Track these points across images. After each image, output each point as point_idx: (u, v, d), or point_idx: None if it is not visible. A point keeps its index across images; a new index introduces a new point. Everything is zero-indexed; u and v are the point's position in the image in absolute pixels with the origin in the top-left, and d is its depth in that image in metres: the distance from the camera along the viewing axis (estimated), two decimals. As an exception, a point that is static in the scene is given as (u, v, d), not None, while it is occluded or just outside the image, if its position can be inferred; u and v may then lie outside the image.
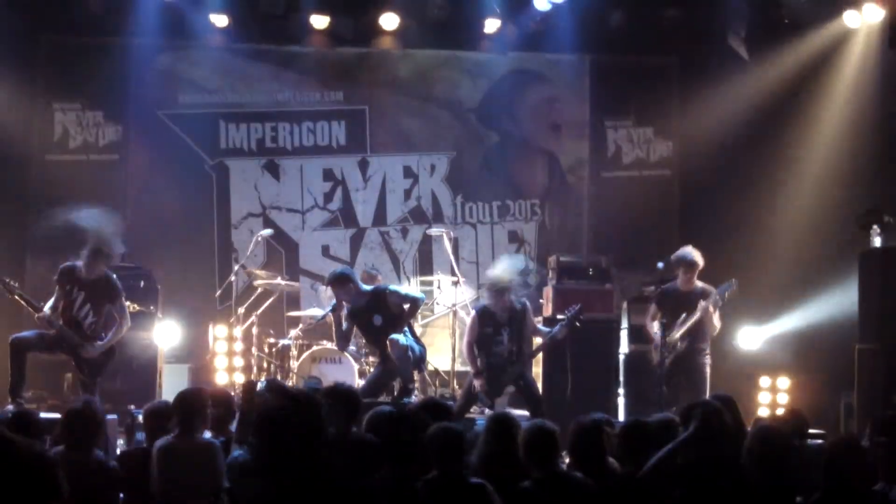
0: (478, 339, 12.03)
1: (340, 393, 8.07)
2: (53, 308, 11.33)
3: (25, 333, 11.40)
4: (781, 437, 6.85)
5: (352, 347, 13.13)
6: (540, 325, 12.44)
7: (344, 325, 12.29)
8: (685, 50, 15.90)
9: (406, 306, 12.19)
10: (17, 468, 2.20)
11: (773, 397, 13.68)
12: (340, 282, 12.09)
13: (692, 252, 12.33)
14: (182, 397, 7.68)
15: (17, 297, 11.37)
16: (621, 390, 13.46)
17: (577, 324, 12.08)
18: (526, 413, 11.43)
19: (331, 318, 12.33)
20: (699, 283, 12.38)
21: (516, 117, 16.64)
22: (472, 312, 12.39)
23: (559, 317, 12.50)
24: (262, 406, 5.51)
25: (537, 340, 12.34)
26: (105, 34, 15.22)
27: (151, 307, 13.11)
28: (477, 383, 11.93)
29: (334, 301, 12.16)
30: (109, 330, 11.52)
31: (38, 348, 11.34)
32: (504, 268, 12.31)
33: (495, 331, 12.00)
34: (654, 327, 12.47)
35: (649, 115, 16.56)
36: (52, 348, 11.38)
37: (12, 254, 14.37)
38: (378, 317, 12.14)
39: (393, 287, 12.61)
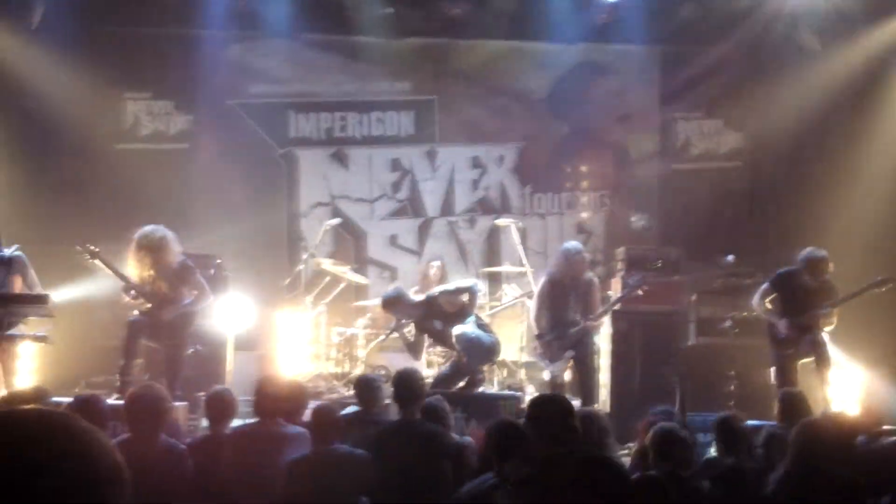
0: (546, 304, 12.14)
1: (406, 379, 8.12)
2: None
3: (137, 316, 11.54)
4: (829, 434, 6.78)
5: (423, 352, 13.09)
6: None
7: (410, 338, 12.39)
8: (756, 42, 15.73)
9: (464, 298, 12.22)
10: (74, 451, 2.18)
11: (843, 392, 13.52)
12: (392, 304, 12.22)
13: (817, 252, 12.18)
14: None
15: (98, 261, 11.50)
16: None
17: (641, 292, 12.09)
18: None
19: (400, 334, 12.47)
20: (824, 279, 12.20)
21: (585, 108, 16.58)
22: (543, 277, 12.51)
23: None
24: None
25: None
26: (177, 25, 15.34)
27: (221, 295, 13.19)
28: (539, 345, 12.06)
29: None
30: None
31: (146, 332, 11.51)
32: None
33: (562, 296, 12.12)
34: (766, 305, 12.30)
35: (719, 106, 16.41)
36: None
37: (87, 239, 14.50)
38: (437, 321, 12.19)
39: (440, 289, 12.65)
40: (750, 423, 8.48)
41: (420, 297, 12.57)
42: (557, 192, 16.35)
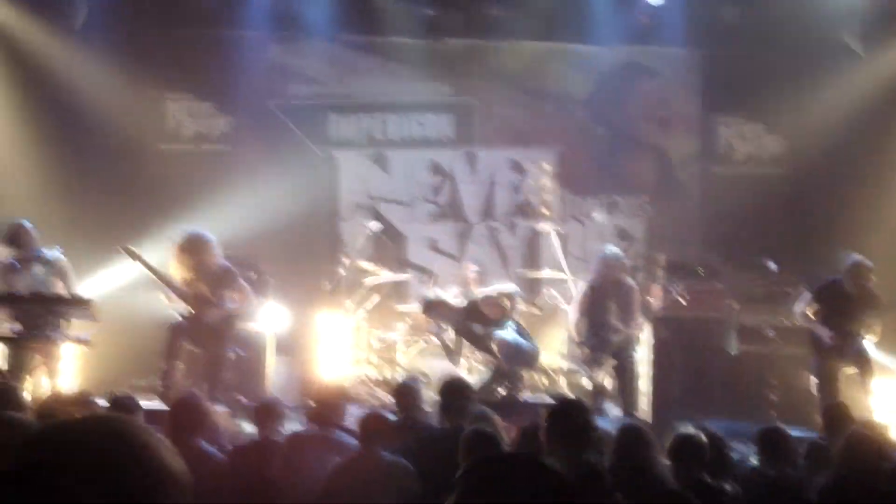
0: (586, 310, 12.12)
1: (453, 387, 8.10)
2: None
3: (179, 320, 11.61)
4: (873, 446, 6.76)
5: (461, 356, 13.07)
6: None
7: (450, 343, 12.39)
8: (798, 45, 15.60)
9: (504, 303, 12.22)
10: (144, 457, 2.19)
11: (886, 401, 13.41)
12: (432, 308, 12.25)
13: (860, 259, 12.12)
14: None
15: (140, 263, 11.58)
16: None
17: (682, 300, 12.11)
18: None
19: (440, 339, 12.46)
20: (866, 287, 12.13)
21: (626, 112, 16.53)
22: (582, 283, 12.49)
23: None
24: None
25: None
26: (217, 26, 15.39)
27: (262, 298, 13.22)
28: (580, 352, 12.03)
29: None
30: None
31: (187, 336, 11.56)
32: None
33: (602, 303, 12.09)
34: (808, 314, 12.26)
35: (761, 111, 16.28)
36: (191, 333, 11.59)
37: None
38: (477, 325, 12.19)
39: (481, 292, 12.65)
40: (792, 432, 8.41)
41: (460, 301, 12.58)
42: (598, 196, 16.27)
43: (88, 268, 12.63)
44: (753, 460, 8.27)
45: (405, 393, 8.89)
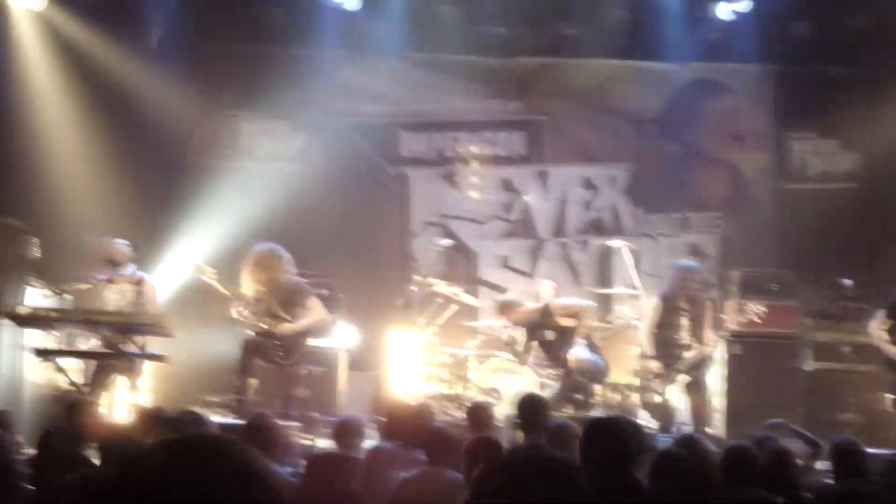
0: (657, 324, 12.08)
1: (531, 404, 8.09)
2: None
3: (251, 336, 11.71)
4: None
5: (531, 360, 13.12)
6: None
7: (521, 343, 12.38)
8: (872, 60, 15.49)
9: (579, 317, 12.21)
10: (248, 477, 2.22)
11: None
12: (508, 307, 12.28)
13: None
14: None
15: (213, 280, 11.70)
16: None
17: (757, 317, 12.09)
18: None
19: (509, 336, 12.45)
20: None
21: (697, 128, 16.47)
22: (655, 297, 12.45)
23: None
24: None
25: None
26: (290, 45, 15.50)
27: (334, 315, 13.29)
28: (652, 367, 11.96)
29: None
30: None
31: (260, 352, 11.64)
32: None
33: (674, 317, 12.04)
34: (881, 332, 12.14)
35: (835, 126, 16.13)
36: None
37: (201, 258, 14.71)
38: (549, 332, 12.18)
39: (558, 300, 12.64)
40: (869, 450, 8.32)
41: (537, 304, 12.61)
42: (670, 213, 16.21)
43: (160, 283, 12.76)
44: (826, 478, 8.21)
45: (478, 412, 8.90)
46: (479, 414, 8.85)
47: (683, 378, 12.25)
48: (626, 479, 5.84)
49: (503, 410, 12.17)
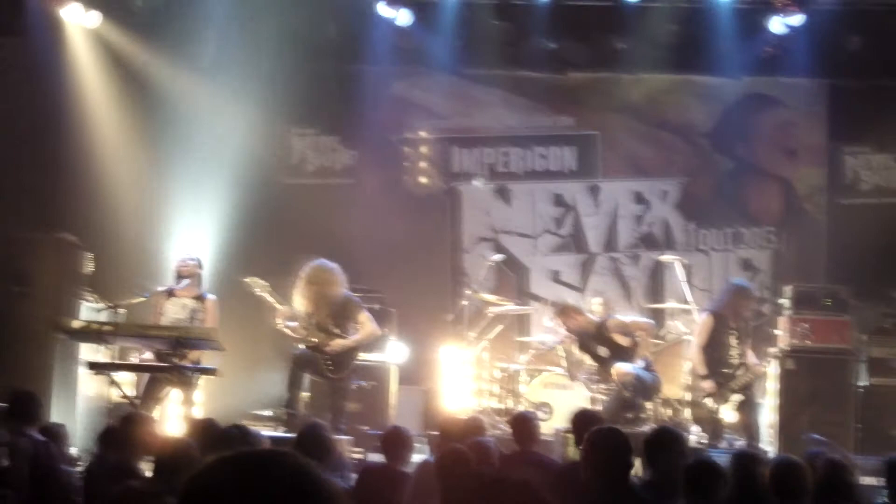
0: (707, 340, 12.04)
1: (587, 420, 8.04)
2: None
3: (302, 350, 11.78)
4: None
5: (583, 375, 13.10)
6: None
7: (574, 355, 12.36)
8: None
9: (637, 335, 12.18)
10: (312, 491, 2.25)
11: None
12: (566, 311, 12.24)
13: None
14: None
15: (265, 294, 11.77)
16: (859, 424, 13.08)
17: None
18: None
19: (563, 347, 12.43)
20: None
21: (750, 142, 16.41)
22: (705, 313, 12.41)
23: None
24: None
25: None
26: (342, 61, 15.58)
27: (385, 330, 13.33)
28: (706, 386, 11.89)
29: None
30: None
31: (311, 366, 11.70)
32: None
33: (724, 334, 11.99)
34: None
35: (888, 141, 16.02)
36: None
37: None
38: (603, 348, 12.16)
39: (616, 317, 12.61)
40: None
41: (596, 318, 12.60)
42: (722, 227, 16.14)
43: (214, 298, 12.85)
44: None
45: (521, 424, 8.86)
46: (522, 425, 8.81)
47: (737, 397, 12.19)
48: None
49: (554, 425, 12.19)
